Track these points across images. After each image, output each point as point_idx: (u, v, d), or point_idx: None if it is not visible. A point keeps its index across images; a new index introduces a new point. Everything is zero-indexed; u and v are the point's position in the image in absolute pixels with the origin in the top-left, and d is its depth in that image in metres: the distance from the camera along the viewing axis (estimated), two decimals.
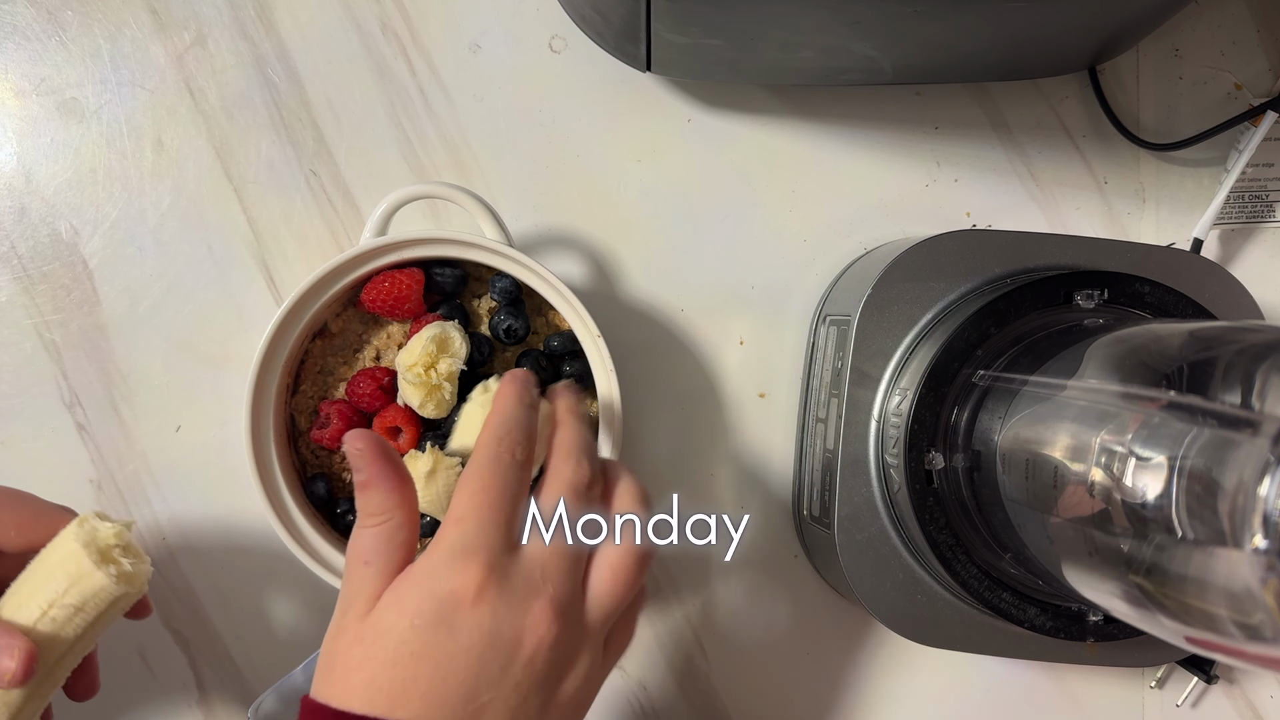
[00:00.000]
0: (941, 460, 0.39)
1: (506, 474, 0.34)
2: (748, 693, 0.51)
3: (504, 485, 0.33)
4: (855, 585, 0.42)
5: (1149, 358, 0.34)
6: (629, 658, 0.50)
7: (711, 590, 0.51)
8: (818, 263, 0.51)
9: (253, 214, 0.50)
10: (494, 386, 0.41)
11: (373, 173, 0.50)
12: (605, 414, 0.44)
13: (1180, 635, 0.29)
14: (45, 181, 0.49)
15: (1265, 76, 0.52)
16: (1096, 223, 0.52)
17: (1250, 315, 0.43)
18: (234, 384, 0.49)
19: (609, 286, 0.51)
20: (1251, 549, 0.25)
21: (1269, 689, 0.52)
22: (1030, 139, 0.51)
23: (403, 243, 0.43)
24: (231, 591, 0.49)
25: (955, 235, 0.42)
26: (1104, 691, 0.51)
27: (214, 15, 0.49)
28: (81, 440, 0.49)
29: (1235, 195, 0.51)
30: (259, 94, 0.49)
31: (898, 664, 0.51)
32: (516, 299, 0.46)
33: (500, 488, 0.33)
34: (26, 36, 0.49)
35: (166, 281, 0.49)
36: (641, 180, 0.50)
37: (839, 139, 0.51)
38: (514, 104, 0.50)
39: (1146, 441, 0.30)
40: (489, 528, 0.32)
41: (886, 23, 0.41)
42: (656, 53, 0.45)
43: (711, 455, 0.51)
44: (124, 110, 0.49)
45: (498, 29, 0.50)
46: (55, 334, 0.49)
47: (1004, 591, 0.39)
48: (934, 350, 0.40)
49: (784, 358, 0.51)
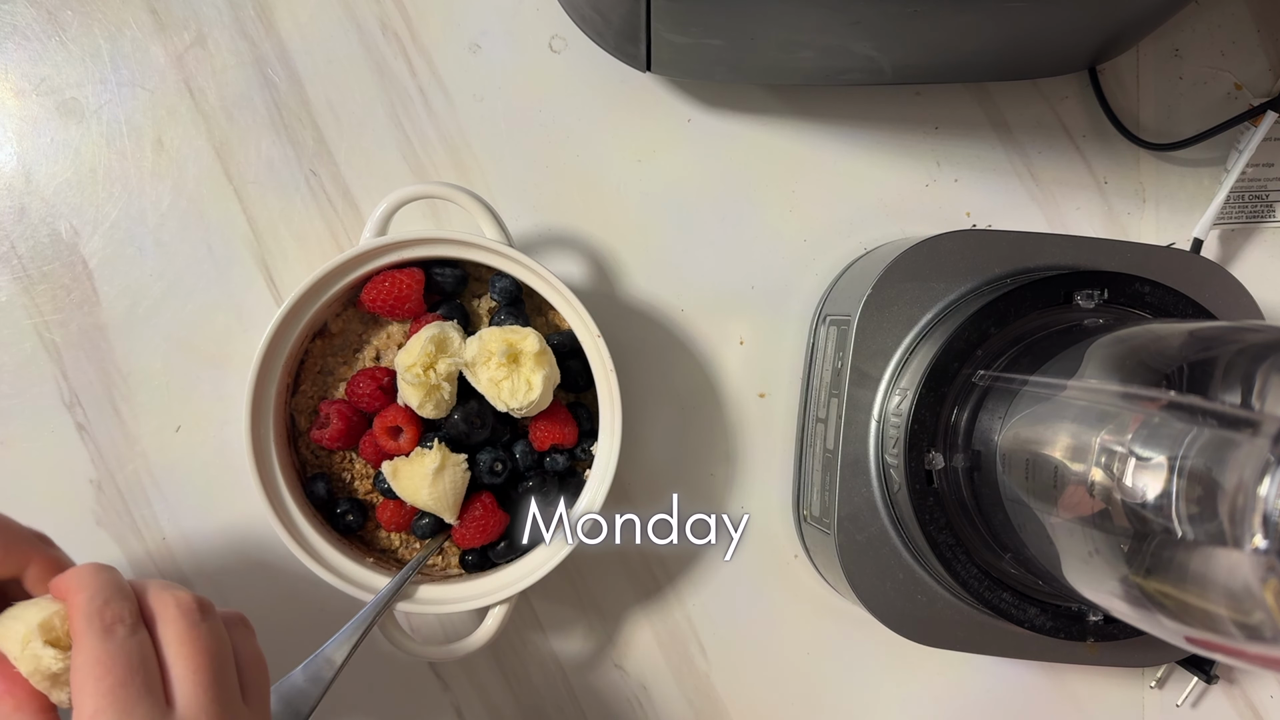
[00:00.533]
0: (941, 460, 0.39)
1: (124, 645, 0.32)
2: (748, 693, 0.51)
3: (127, 657, 0.31)
4: (855, 585, 0.42)
5: (1149, 358, 0.34)
6: (629, 658, 0.51)
7: (711, 590, 0.51)
8: (818, 263, 0.51)
9: (253, 214, 0.50)
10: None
11: (373, 173, 0.50)
12: (605, 414, 0.44)
13: (1180, 635, 0.29)
14: (45, 181, 0.49)
15: (1265, 76, 0.52)
16: (1096, 223, 0.52)
17: (1250, 315, 0.43)
18: (234, 384, 0.49)
19: (609, 286, 0.51)
20: (1251, 549, 0.25)
21: (1269, 689, 0.52)
22: (1030, 139, 0.51)
23: (403, 243, 0.43)
24: (231, 591, 0.49)
25: (955, 235, 0.42)
26: (1104, 691, 0.51)
27: (214, 15, 0.49)
28: (81, 440, 0.49)
29: (1235, 195, 0.51)
30: (259, 94, 0.49)
31: (898, 664, 0.51)
32: (516, 299, 0.46)
33: (125, 661, 0.31)
34: (26, 36, 0.49)
35: (166, 281, 0.49)
36: (641, 180, 0.50)
37: (839, 139, 0.51)
38: (514, 104, 0.50)
39: (1146, 441, 0.30)
40: (132, 710, 0.31)
41: (886, 23, 0.41)
42: (656, 53, 0.45)
43: (711, 455, 0.51)
44: (124, 110, 0.49)
45: (498, 29, 0.50)
46: (55, 334, 0.49)
47: (1004, 591, 0.39)
48: (934, 350, 0.40)
49: (784, 358, 0.51)
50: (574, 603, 0.51)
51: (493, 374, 0.42)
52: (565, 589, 0.50)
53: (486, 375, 0.42)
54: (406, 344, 0.43)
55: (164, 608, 0.34)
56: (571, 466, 0.46)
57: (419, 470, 0.42)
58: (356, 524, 0.46)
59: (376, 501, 0.46)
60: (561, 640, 0.51)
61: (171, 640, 0.33)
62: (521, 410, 0.42)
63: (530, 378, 0.42)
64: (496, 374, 0.42)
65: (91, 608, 0.32)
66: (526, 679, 0.50)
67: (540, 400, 0.42)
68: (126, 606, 0.33)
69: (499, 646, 0.50)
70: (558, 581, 0.50)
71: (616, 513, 0.50)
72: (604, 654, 0.51)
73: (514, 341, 0.42)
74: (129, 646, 0.32)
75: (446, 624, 0.50)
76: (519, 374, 0.42)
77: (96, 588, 0.33)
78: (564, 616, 0.51)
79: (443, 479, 0.43)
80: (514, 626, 0.50)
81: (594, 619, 0.51)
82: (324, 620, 0.49)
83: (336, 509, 0.45)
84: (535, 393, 0.42)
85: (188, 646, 0.33)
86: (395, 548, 0.47)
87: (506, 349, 0.41)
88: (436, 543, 0.46)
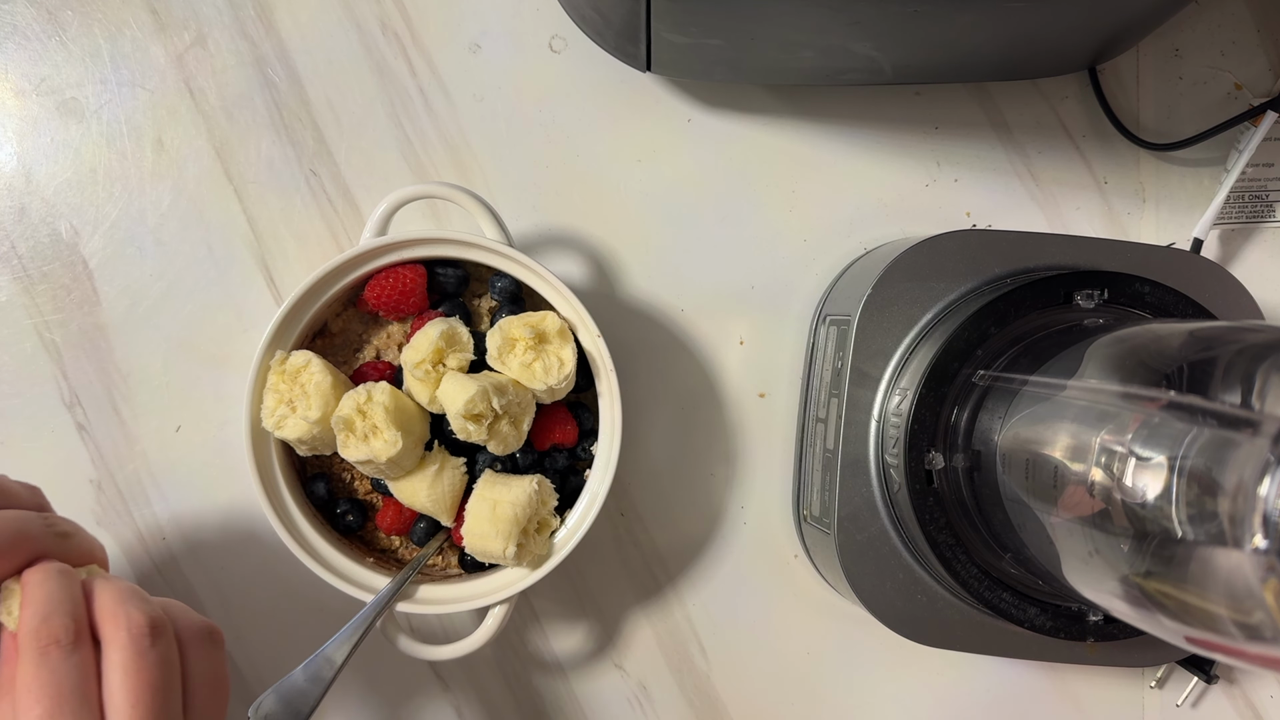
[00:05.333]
0: (941, 460, 0.39)
1: (58, 669, 0.31)
2: (748, 693, 0.51)
3: (58, 684, 0.31)
4: (855, 585, 0.42)
5: (1149, 358, 0.34)
6: (629, 658, 0.50)
7: (711, 590, 0.51)
8: (818, 263, 0.51)
9: (253, 214, 0.50)
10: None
11: (373, 173, 0.50)
12: (605, 414, 0.44)
13: (1180, 635, 0.29)
14: (45, 181, 0.49)
15: (1265, 76, 0.52)
16: (1096, 223, 0.52)
17: (1250, 315, 0.43)
18: (234, 384, 0.49)
19: (609, 286, 0.51)
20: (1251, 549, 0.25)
21: (1269, 689, 0.52)
22: (1030, 139, 0.51)
23: (403, 243, 0.43)
24: (231, 591, 0.49)
25: (955, 235, 0.42)
26: (1104, 691, 0.51)
27: (214, 15, 0.49)
28: (81, 440, 0.49)
29: (1235, 195, 0.51)
30: (259, 94, 0.49)
31: (898, 664, 0.51)
32: (516, 299, 0.46)
33: (56, 688, 0.31)
34: (26, 36, 0.49)
35: (166, 281, 0.49)
36: (642, 180, 0.50)
37: (839, 139, 0.51)
38: (514, 104, 0.50)
39: (1146, 441, 0.30)
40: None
41: (886, 23, 0.41)
42: (656, 53, 0.45)
43: (711, 455, 0.51)
44: (124, 110, 0.49)
45: (498, 29, 0.50)
46: (55, 334, 0.49)
47: (1004, 591, 0.39)
48: (934, 350, 0.40)
49: (784, 358, 0.51)
50: (574, 603, 0.51)
51: (522, 358, 0.42)
52: (565, 589, 0.50)
53: (517, 361, 0.42)
54: (412, 340, 0.43)
55: (113, 630, 0.33)
56: (572, 466, 0.46)
57: (418, 472, 0.42)
58: (356, 524, 0.46)
59: (376, 502, 0.46)
60: (561, 640, 0.51)
61: (115, 667, 0.32)
62: (560, 387, 0.42)
63: (560, 354, 0.42)
64: (526, 358, 0.42)
65: (31, 625, 0.31)
66: (526, 679, 0.50)
67: (573, 375, 0.42)
68: (67, 624, 0.32)
69: (499, 646, 0.50)
70: (558, 581, 0.50)
71: (617, 512, 0.51)
72: (604, 654, 0.51)
73: (535, 323, 0.42)
74: (64, 670, 0.31)
75: (446, 624, 0.50)
76: (549, 353, 0.42)
77: (40, 601, 0.32)
78: (564, 616, 0.51)
79: (441, 481, 0.43)
80: (514, 626, 0.50)
81: (594, 619, 0.51)
82: (324, 620, 0.49)
83: (336, 509, 0.45)
84: (569, 366, 0.42)
85: (130, 677, 0.32)
86: (395, 548, 0.47)
87: (532, 331, 0.42)
88: (436, 542, 0.46)
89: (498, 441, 0.42)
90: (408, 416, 0.42)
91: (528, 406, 0.42)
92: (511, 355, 0.42)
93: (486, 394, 0.40)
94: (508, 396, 0.41)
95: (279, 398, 0.42)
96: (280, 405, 0.42)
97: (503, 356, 0.42)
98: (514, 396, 0.41)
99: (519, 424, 0.42)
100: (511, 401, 0.41)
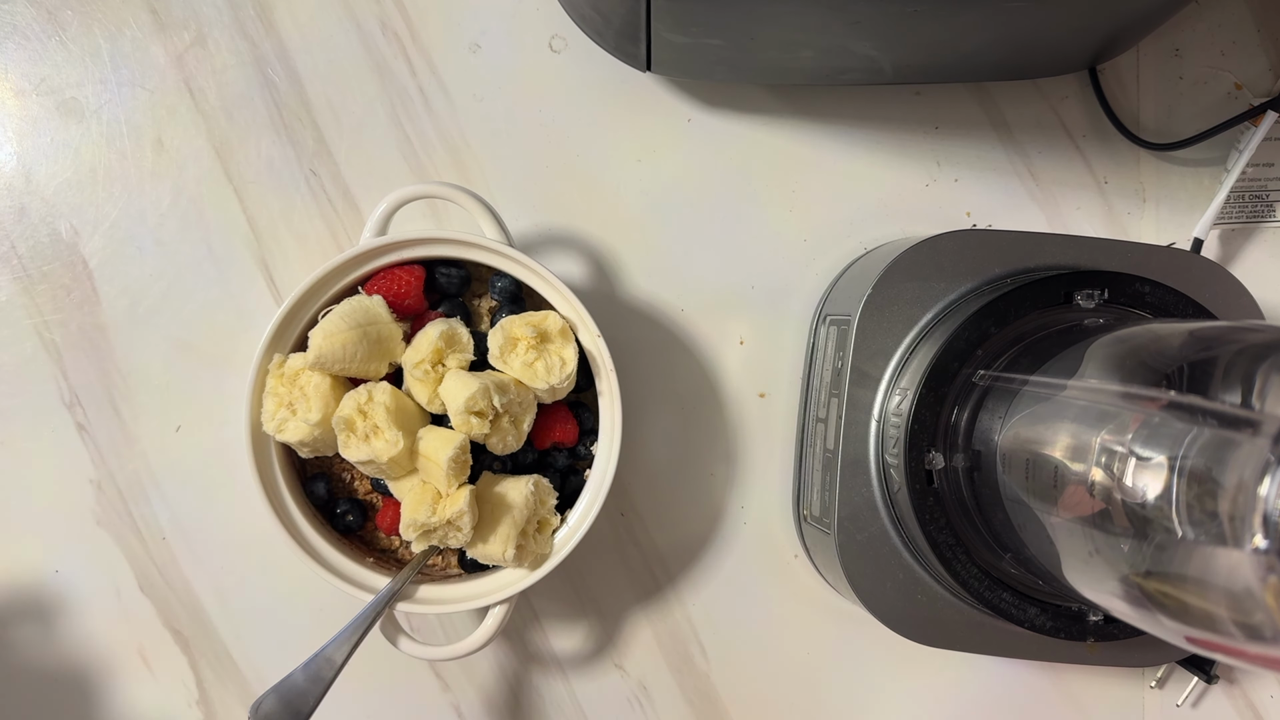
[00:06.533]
0: (941, 460, 0.39)
1: None
2: (748, 693, 0.51)
3: None
4: (855, 585, 0.42)
5: (1149, 358, 0.34)
6: (629, 658, 0.50)
7: (711, 590, 0.51)
8: (818, 263, 0.51)
9: (253, 214, 0.50)
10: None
11: (373, 173, 0.50)
12: (605, 413, 0.44)
13: (1180, 635, 0.29)
14: (45, 181, 0.49)
15: (1265, 76, 0.52)
16: (1096, 223, 0.52)
17: (1250, 315, 0.43)
18: (234, 384, 0.49)
19: (609, 286, 0.51)
20: (1251, 549, 0.25)
21: (1269, 689, 0.52)
22: (1030, 139, 0.51)
23: (403, 242, 0.43)
24: (231, 591, 0.49)
25: (955, 235, 0.42)
26: (1104, 691, 0.51)
27: (214, 15, 0.49)
28: (81, 440, 0.49)
29: (1235, 195, 0.51)
30: (259, 94, 0.49)
31: (898, 664, 0.51)
32: (516, 299, 0.46)
33: None
34: (26, 36, 0.49)
35: (166, 281, 0.49)
36: (641, 180, 0.50)
37: (839, 139, 0.51)
38: (514, 104, 0.50)
39: (1146, 441, 0.30)
40: None
41: (886, 23, 0.41)
42: (656, 53, 0.45)
43: (711, 455, 0.51)
44: (124, 110, 0.49)
45: (498, 29, 0.50)
46: (55, 334, 0.49)
47: (1004, 591, 0.39)
48: (934, 350, 0.40)
49: (784, 358, 0.51)
50: (574, 603, 0.51)
51: (524, 357, 0.42)
52: (565, 589, 0.50)
53: (519, 360, 0.42)
54: (413, 341, 0.43)
55: None
56: (572, 465, 0.46)
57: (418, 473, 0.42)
58: (356, 524, 0.45)
59: (376, 502, 0.46)
60: (561, 640, 0.51)
61: None
62: (561, 387, 0.42)
63: (562, 353, 0.42)
64: (528, 357, 0.42)
65: None
66: (526, 679, 0.50)
67: (574, 375, 0.42)
68: None
69: (499, 646, 0.50)
70: (558, 581, 0.50)
71: (617, 512, 0.51)
72: (604, 654, 0.51)
73: (537, 322, 0.42)
74: None
75: (446, 624, 0.50)
76: (550, 352, 0.42)
77: None
78: (564, 616, 0.51)
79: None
80: (514, 626, 0.50)
81: (594, 619, 0.51)
82: (324, 620, 0.49)
83: (336, 509, 0.45)
84: (571, 366, 0.42)
85: None
86: (395, 548, 0.47)
87: (534, 330, 0.42)
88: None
89: (498, 440, 0.42)
90: (408, 416, 0.42)
91: (529, 406, 0.42)
92: (513, 354, 0.42)
93: (488, 391, 0.40)
94: (509, 395, 0.41)
95: (279, 401, 0.42)
96: (280, 408, 0.42)
97: (505, 355, 0.42)
98: (515, 395, 0.41)
99: (520, 423, 0.42)
100: (512, 400, 0.41)
